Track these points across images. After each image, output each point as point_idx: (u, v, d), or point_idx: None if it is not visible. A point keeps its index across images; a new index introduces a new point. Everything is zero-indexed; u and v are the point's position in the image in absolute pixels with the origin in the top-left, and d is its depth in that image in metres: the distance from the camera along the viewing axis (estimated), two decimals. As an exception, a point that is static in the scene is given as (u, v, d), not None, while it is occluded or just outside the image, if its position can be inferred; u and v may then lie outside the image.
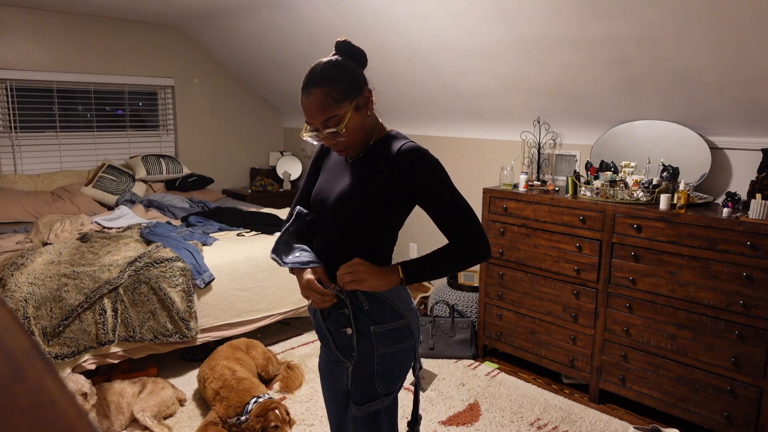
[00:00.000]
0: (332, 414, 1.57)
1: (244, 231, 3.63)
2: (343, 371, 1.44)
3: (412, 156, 1.33)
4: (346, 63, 1.34)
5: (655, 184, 2.67)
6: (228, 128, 5.33)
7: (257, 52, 4.52)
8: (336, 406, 1.53)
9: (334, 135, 1.32)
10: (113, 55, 4.50)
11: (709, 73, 2.47)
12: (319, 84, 1.29)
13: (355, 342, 1.39)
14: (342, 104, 1.30)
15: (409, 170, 1.33)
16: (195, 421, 2.60)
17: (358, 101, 1.33)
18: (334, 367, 1.50)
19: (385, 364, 1.41)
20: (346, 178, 1.41)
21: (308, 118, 1.33)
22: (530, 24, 2.72)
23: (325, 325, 1.44)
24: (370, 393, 1.41)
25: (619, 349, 2.72)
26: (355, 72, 1.34)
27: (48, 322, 2.54)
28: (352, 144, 1.36)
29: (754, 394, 2.31)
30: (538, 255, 2.97)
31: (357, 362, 1.40)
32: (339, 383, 1.46)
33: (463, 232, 1.34)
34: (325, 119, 1.30)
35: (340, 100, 1.29)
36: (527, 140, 3.49)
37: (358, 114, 1.33)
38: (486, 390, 2.94)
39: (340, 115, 1.30)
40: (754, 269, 2.26)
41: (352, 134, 1.34)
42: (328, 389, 1.55)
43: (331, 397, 1.55)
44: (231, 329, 3.13)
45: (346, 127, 1.30)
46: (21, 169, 4.21)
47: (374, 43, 3.53)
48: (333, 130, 1.30)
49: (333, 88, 1.29)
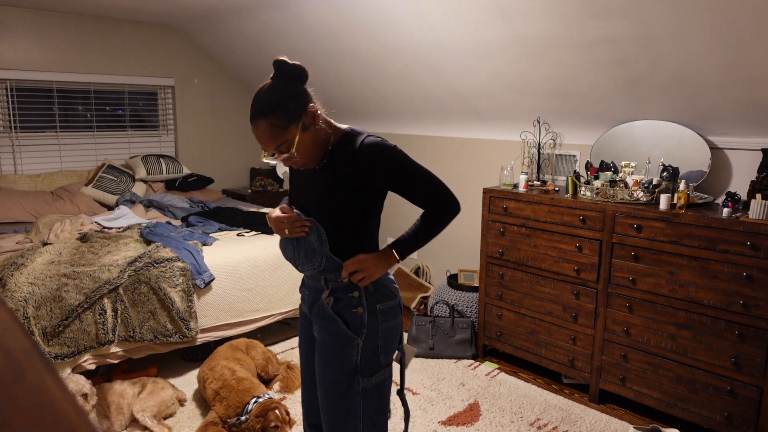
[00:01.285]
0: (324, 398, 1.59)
1: (244, 231, 3.63)
2: (351, 349, 1.53)
3: (372, 150, 1.45)
4: (284, 86, 1.41)
5: (655, 184, 2.67)
6: (228, 128, 5.33)
7: (257, 52, 4.52)
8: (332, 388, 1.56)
9: (288, 158, 1.41)
10: (113, 55, 4.50)
11: (709, 73, 2.47)
12: (263, 115, 1.37)
13: (366, 319, 1.53)
14: (288, 130, 1.38)
15: (375, 164, 1.45)
16: (195, 422, 2.60)
17: (303, 121, 1.40)
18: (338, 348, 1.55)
19: (386, 338, 1.57)
20: (319, 184, 1.50)
21: (261, 145, 1.42)
22: (530, 24, 2.72)
23: (334, 309, 1.54)
24: (376, 365, 1.55)
25: (619, 349, 2.72)
26: (295, 94, 1.41)
27: (48, 322, 2.54)
28: (309, 158, 1.45)
29: (754, 394, 2.31)
30: (538, 255, 2.97)
31: (366, 338, 1.53)
32: (345, 361, 1.54)
33: (434, 198, 1.53)
34: (277, 146, 1.39)
35: (286, 127, 1.37)
36: (527, 140, 3.49)
37: (307, 132, 1.41)
38: (486, 390, 2.94)
39: (289, 140, 1.39)
40: (754, 269, 2.26)
41: (306, 152, 1.43)
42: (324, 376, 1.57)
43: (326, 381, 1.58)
44: (231, 329, 3.13)
45: (297, 149, 1.40)
46: (21, 169, 4.21)
47: (374, 43, 3.53)
48: (286, 155, 1.40)
49: (276, 117, 1.36)
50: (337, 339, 1.54)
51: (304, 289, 1.66)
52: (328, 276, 1.53)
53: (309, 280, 1.61)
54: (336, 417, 1.56)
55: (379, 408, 1.58)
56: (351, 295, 1.53)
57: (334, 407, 1.56)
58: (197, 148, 5.14)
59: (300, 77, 1.45)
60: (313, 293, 1.61)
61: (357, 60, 3.82)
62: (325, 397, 1.57)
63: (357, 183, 1.46)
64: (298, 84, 1.45)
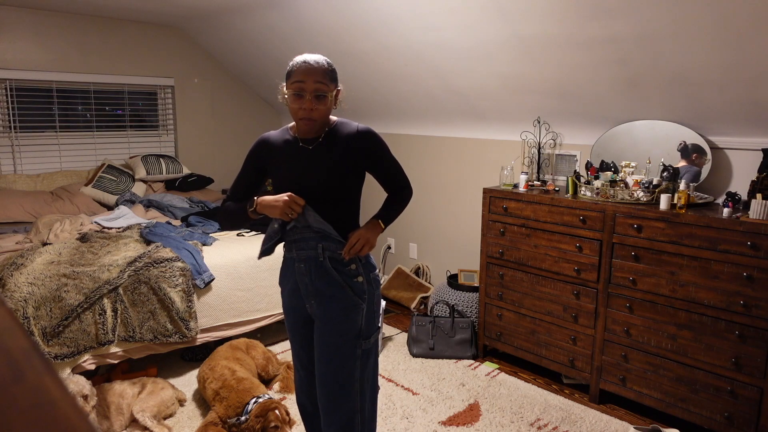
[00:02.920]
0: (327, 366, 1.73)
1: (244, 231, 3.63)
2: (358, 314, 1.72)
3: (368, 134, 1.73)
4: None
5: (655, 184, 2.67)
6: (228, 128, 5.32)
7: (257, 52, 4.52)
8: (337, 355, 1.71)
9: (318, 99, 1.61)
10: (113, 55, 4.50)
11: (709, 73, 2.47)
12: (325, 61, 1.66)
13: (366, 285, 1.74)
14: (331, 85, 1.66)
15: (368, 144, 1.71)
16: (195, 422, 2.60)
17: (337, 92, 1.70)
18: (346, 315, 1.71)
19: (377, 303, 1.80)
20: (316, 163, 1.69)
21: (304, 76, 1.60)
22: (530, 24, 2.72)
23: (341, 279, 1.70)
24: (373, 327, 1.77)
25: (619, 349, 2.72)
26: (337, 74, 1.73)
27: (48, 322, 2.54)
28: (321, 117, 1.65)
29: (755, 394, 2.31)
30: (539, 255, 2.97)
31: (367, 303, 1.74)
32: (352, 326, 1.71)
33: (401, 183, 1.83)
34: (319, 80, 1.60)
35: (332, 80, 1.66)
36: (527, 140, 3.49)
37: (331, 102, 1.68)
38: (486, 390, 2.94)
39: (328, 91, 1.64)
40: (754, 269, 2.26)
41: (326, 112, 1.66)
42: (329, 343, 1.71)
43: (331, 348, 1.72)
44: (231, 329, 3.13)
45: (327, 100, 1.63)
46: (21, 169, 4.21)
47: (374, 43, 3.53)
48: (321, 93, 1.61)
49: (331, 69, 1.67)
50: (345, 306, 1.70)
51: (300, 264, 1.74)
52: (326, 245, 1.69)
53: (302, 252, 1.71)
54: (340, 382, 1.71)
55: (374, 367, 1.81)
56: (349, 267, 1.72)
57: (339, 373, 1.70)
58: (197, 148, 5.13)
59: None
60: (309, 265, 1.71)
61: (357, 60, 3.82)
62: (329, 365, 1.71)
63: (352, 160, 1.69)
64: None
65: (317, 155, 1.69)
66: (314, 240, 1.69)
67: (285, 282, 1.84)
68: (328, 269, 1.70)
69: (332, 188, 1.67)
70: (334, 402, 1.72)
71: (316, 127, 1.67)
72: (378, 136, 1.75)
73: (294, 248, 1.74)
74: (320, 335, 1.73)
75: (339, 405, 1.72)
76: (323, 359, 1.73)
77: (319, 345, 1.73)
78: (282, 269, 1.86)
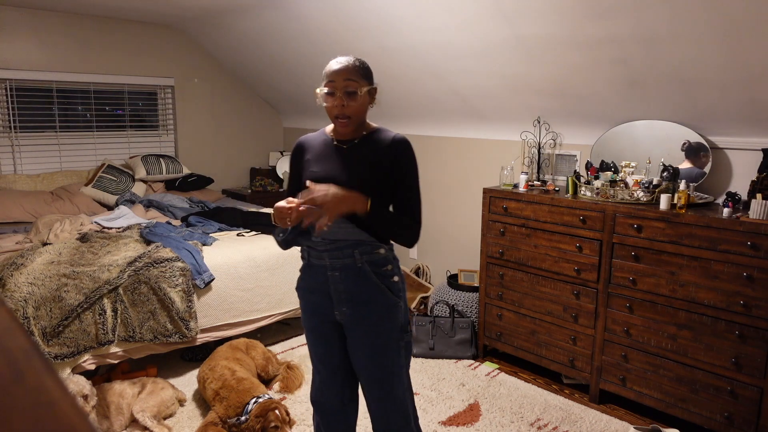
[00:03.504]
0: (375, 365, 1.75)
1: (244, 231, 3.63)
2: (398, 312, 1.74)
3: (404, 145, 1.71)
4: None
5: (655, 184, 2.67)
6: (228, 128, 5.32)
7: (257, 52, 4.52)
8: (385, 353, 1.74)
9: (349, 96, 1.63)
10: (113, 55, 4.50)
11: (709, 73, 2.47)
12: (355, 60, 1.68)
13: (400, 284, 1.76)
14: (362, 81, 1.66)
15: (401, 155, 1.69)
16: (195, 422, 2.60)
17: (371, 90, 1.70)
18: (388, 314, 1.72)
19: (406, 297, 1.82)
20: (351, 162, 1.69)
21: (335, 76, 1.64)
22: (530, 24, 2.72)
23: (380, 282, 1.71)
24: (408, 320, 1.80)
25: (619, 349, 2.71)
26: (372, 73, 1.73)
27: (48, 322, 2.54)
28: (355, 114, 1.66)
29: (755, 394, 2.31)
30: (539, 255, 2.97)
31: (402, 298, 1.77)
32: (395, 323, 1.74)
33: (411, 213, 1.72)
34: (349, 78, 1.63)
35: (363, 77, 1.67)
36: (527, 140, 3.49)
37: (366, 100, 1.68)
38: (486, 390, 2.94)
39: (360, 88, 1.64)
40: (754, 269, 2.26)
41: (356, 110, 1.66)
42: (375, 344, 1.73)
43: (378, 348, 1.74)
44: (231, 329, 3.13)
45: (358, 99, 1.64)
46: (21, 169, 4.21)
47: (374, 43, 3.53)
48: (351, 91, 1.63)
49: (362, 67, 1.68)
50: (385, 307, 1.72)
51: (335, 272, 1.70)
52: (361, 249, 1.68)
53: (336, 261, 1.69)
54: (389, 378, 1.74)
55: (409, 354, 1.82)
56: (386, 268, 1.73)
57: (388, 371, 1.74)
58: (197, 148, 5.13)
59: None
60: (345, 272, 1.69)
61: (357, 60, 3.82)
62: (378, 367, 1.74)
63: (386, 167, 1.68)
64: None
65: (352, 156, 1.70)
66: (348, 248, 1.67)
67: (309, 288, 1.79)
68: (367, 273, 1.69)
69: (364, 189, 1.64)
70: (387, 398, 1.75)
71: (351, 127, 1.68)
72: (411, 150, 1.72)
73: (327, 257, 1.69)
74: (361, 338, 1.73)
75: (392, 400, 1.76)
76: (369, 363, 1.74)
77: (361, 348, 1.74)
78: (305, 276, 1.80)
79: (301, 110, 5.32)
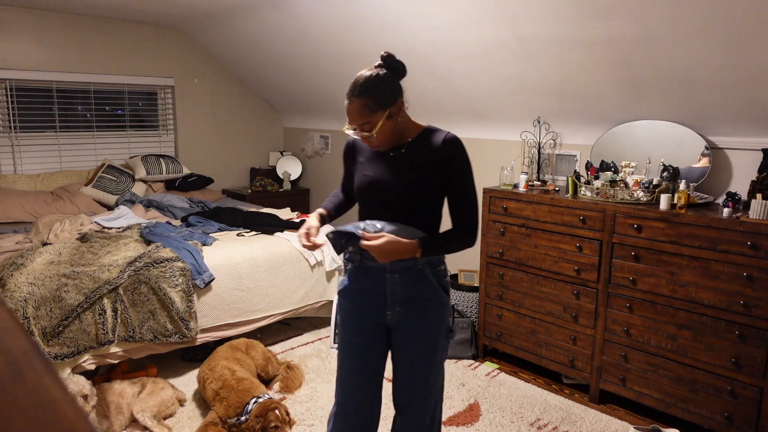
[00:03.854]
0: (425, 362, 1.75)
1: (244, 231, 3.63)
2: (448, 312, 1.76)
3: (456, 144, 1.66)
4: (386, 76, 1.62)
5: (655, 184, 2.67)
6: (228, 128, 5.33)
7: (257, 52, 4.52)
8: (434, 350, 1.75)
9: (367, 137, 1.62)
10: (113, 55, 4.50)
11: (709, 73, 2.47)
12: (359, 95, 1.58)
13: (449, 284, 1.79)
14: (376, 113, 1.58)
15: (454, 155, 1.64)
16: (195, 422, 2.60)
17: (390, 110, 1.61)
18: (441, 314, 1.74)
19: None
20: (401, 169, 1.67)
21: (349, 119, 1.62)
22: (530, 24, 2.72)
23: (436, 281, 1.71)
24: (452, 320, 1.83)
25: (619, 349, 2.71)
26: (392, 86, 1.62)
27: (48, 322, 2.54)
28: (383, 143, 1.64)
29: (755, 394, 2.31)
30: (539, 255, 2.97)
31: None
32: (444, 323, 1.75)
33: (466, 218, 1.68)
34: (361, 123, 1.59)
35: (375, 110, 1.58)
36: (527, 140, 3.49)
37: (390, 121, 1.61)
38: (486, 390, 2.94)
39: (373, 122, 1.59)
40: (754, 269, 2.26)
41: (383, 136, 1.62)
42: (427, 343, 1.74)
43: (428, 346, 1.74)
44: (231, 329, 3.13)
45: (378, 131, 1.59)
46: (21, 169, 4.21)
47: (374, 43, 3.53)
48: (366, 134, 1.61)
49: (369, 100, 1.58)
50: (439, 305, 1.73)
51: (394, 274, 1.69)
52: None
53: (397, 263, 1.68)
54: (432, 374, 1.75)
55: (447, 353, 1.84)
56: (439, 268, 1.74)
57: (432, 365, 1.75)
58: (197, 148, 5.13)
59: (400, 73, 1.66)
60: (405, 274, 1.69)
61: (357, 60, 3.82)
62: (425, 360, 1.74)
63: (437, 169, 1.64)
64: (397, 78, 1.65)
65: (398, 162, 1.68)
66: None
67: (361, 290, 1.74)
68: (426, 275, 1.70)
69: (409, 196, 1.65)
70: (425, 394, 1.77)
71: (387, 146, 1.67)
72: (464, 149, 1.67)
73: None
74: (411, 335, 1.73)
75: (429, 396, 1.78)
76: (416, 359, 1.74)
77: (410, 345, 1.74)
78: (356, 278, 1.75)
79: (301, 110, 5.32)
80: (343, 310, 1.80)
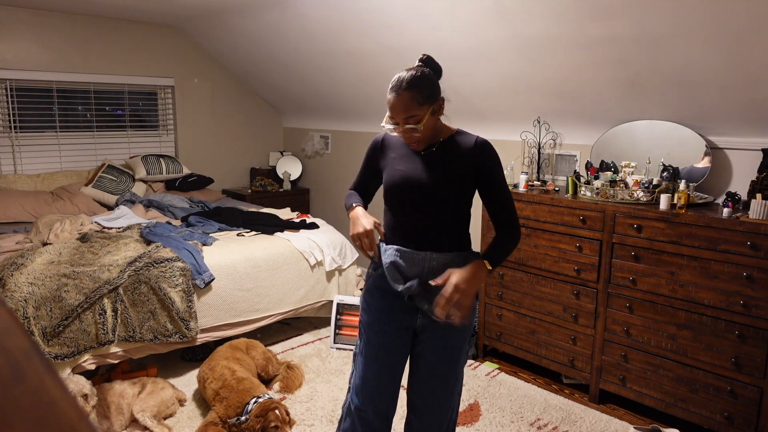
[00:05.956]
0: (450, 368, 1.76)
1: (244, 231, 3.63)
2: (475, 312, 1.75)
3: (487, 147, 1.69)
4: (429, 74, 1.67)
5: (655, 184, 2.67)
6: (228, 128, 5.32)
7: (257, 52, 4.52)
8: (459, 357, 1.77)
9: (411, 130, 1.62)
10: (113, 55, 4.50)
11: (709, 73, 2.47)
12: (408, 88, 1.60)
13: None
14: (423, 107, 1.61)
15: (487, 158, 1.67)
16: (195, 422, 2.60)
17: (434, 107, 1.64)
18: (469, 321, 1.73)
19: None
20: (433, 169, 1.68)
21: (393, 114, 1.63)
22: (530, 24, 2.72)
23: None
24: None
25: (619, 349, 2.72)
26: (435, 83, 1.67)
27: (48, 322, 2.54)
28: (423, 139, 1.66)
29: (755, 394, 2.31)
30: (538, 255, 2.97)
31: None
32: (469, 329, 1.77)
33: (510, 216, 1.72)
34: (408, 116, 1.61)
35: (422, 104, 1.61)
36: (527, 140, 3.49)
37: (433, 117, 1.65)
38: (486, 390, 2.94)
39: (420, 116, 1.60)
40: (754, 269, 2.26)
41: (426, 131, 1.64)
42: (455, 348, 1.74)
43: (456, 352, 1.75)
44: (231, 329, 3.13)
45: (423, 125, 1.61)
46: (21, 169, 4.21)
47: (374, 43, 3.53)
48: (412, 126, 1.61)
49: (419, 92, 1.60)
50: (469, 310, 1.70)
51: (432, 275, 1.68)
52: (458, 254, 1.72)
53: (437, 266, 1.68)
54: (454, 378, 1.77)
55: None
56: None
57: (454, 369, 1.76)
58: (197, 148, 5.13)
59: (439, 72, 1.71)
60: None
61: (357, 60, 3.82)
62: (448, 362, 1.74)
63: (468, 171, 1.67)
64: (437, 77, 1.69)
65: (429, 161, 1.69)
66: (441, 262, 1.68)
67: (394, 293, 1.72)
68: None
69: (439, 194, 1.66)
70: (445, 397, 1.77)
71: (424, 144, 1.68)
72: (495, 152, 1.71)
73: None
74: (437, 338, 1.72)
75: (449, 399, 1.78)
76: (439, 361, 1.74)
77: (435, 347, 1.73)
78: (381, 280, 1.75)
79: (301, 110, 5.32)
80: (372, 310, 1.77)
